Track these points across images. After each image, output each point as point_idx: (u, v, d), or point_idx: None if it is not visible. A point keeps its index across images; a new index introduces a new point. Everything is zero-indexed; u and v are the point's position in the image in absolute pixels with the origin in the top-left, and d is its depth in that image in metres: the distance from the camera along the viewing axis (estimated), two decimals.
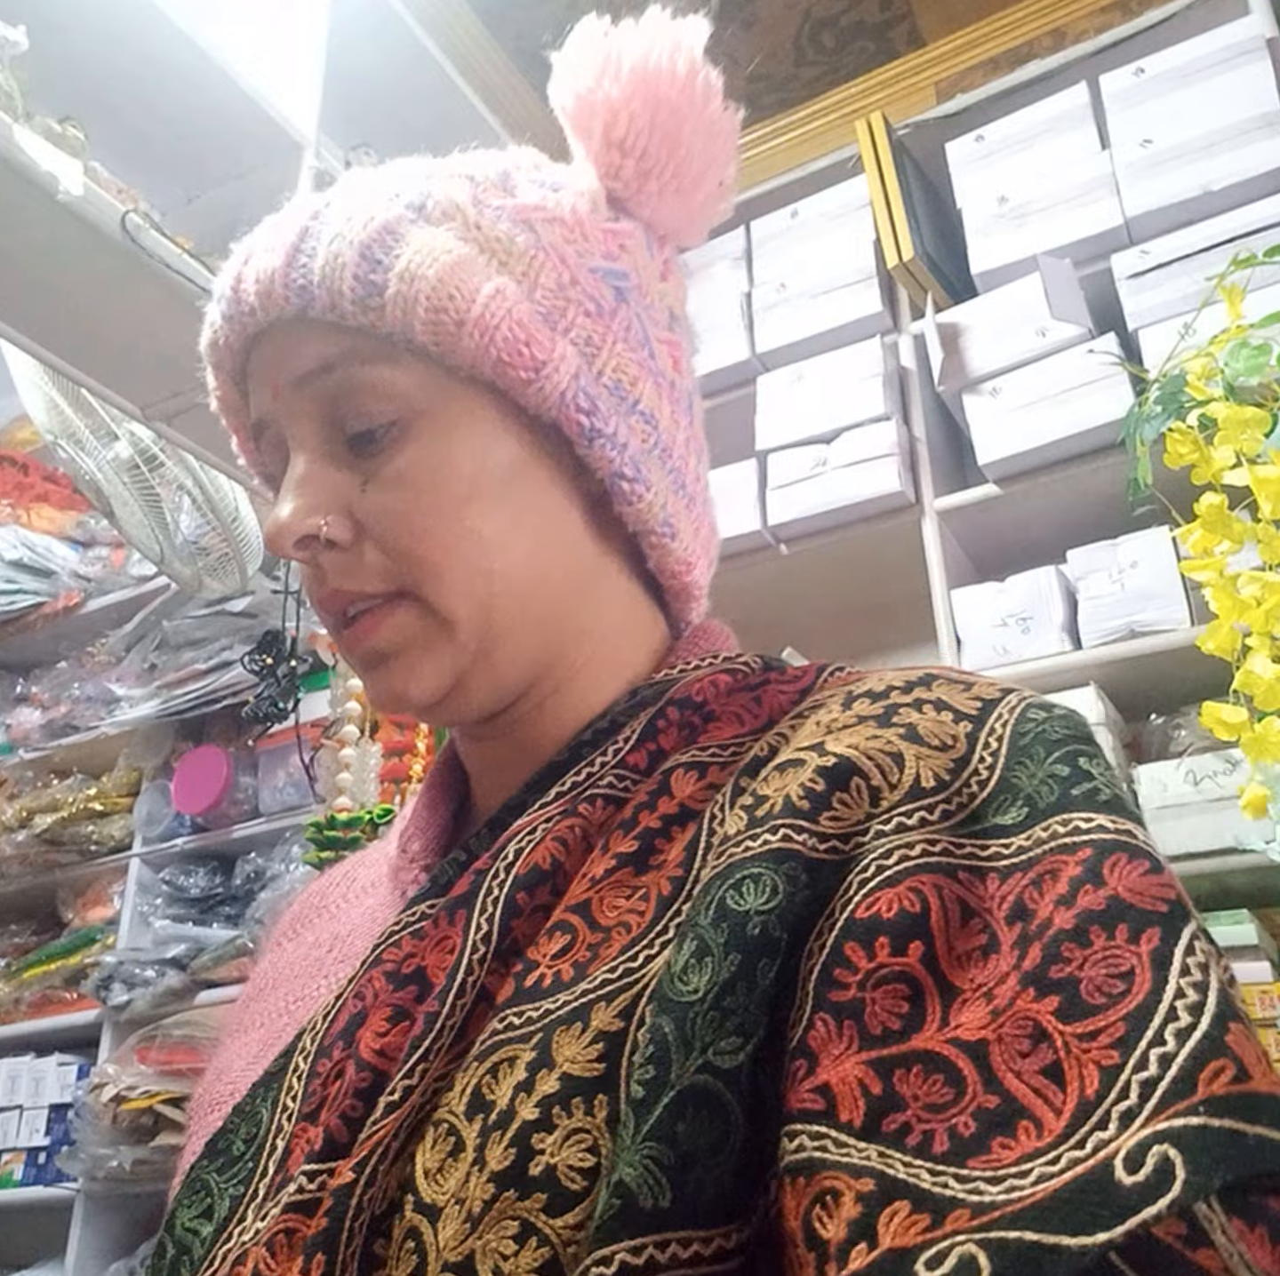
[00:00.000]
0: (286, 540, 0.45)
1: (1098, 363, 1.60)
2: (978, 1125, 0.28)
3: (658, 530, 0.51)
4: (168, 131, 1.56)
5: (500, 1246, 0.32)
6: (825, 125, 2.46)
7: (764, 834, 0.36)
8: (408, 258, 0.44)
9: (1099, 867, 0.32)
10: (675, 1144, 0.30)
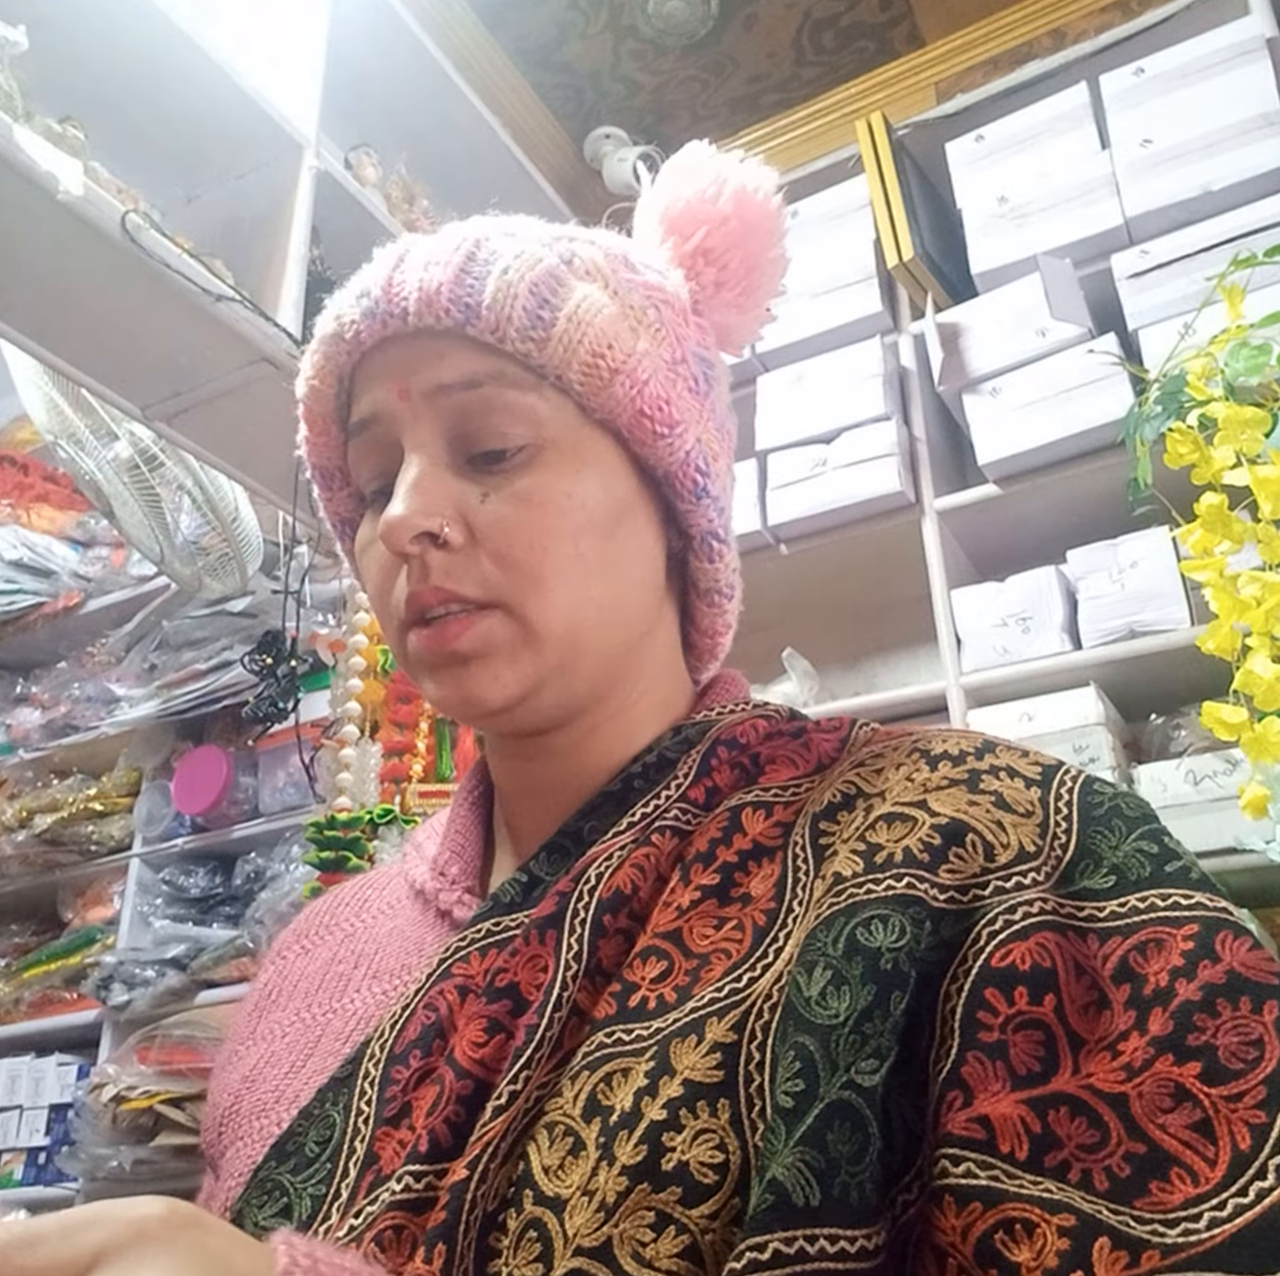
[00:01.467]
0: (405, 533, 0.47)
1: (1098, 363, 1.60)
2: (1131, 1168, 0.33)
3: (724, 591, 0.57)
4: (168, 131, 1.57)
5: (638, 1234, 0.35)
6: (825, 125, 2.46)
7: (887, 879, 0.40)
8: (575, 302, 0.49)
9: (1210, 943, 0.37)
10: (824, 1150, 0.34)
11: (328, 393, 0.53)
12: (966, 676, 1.66)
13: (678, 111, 2.49)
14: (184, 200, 1.66)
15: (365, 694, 1.57)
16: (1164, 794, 1.46)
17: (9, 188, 1.18)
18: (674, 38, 2.31)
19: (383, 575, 0.50)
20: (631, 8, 2.25)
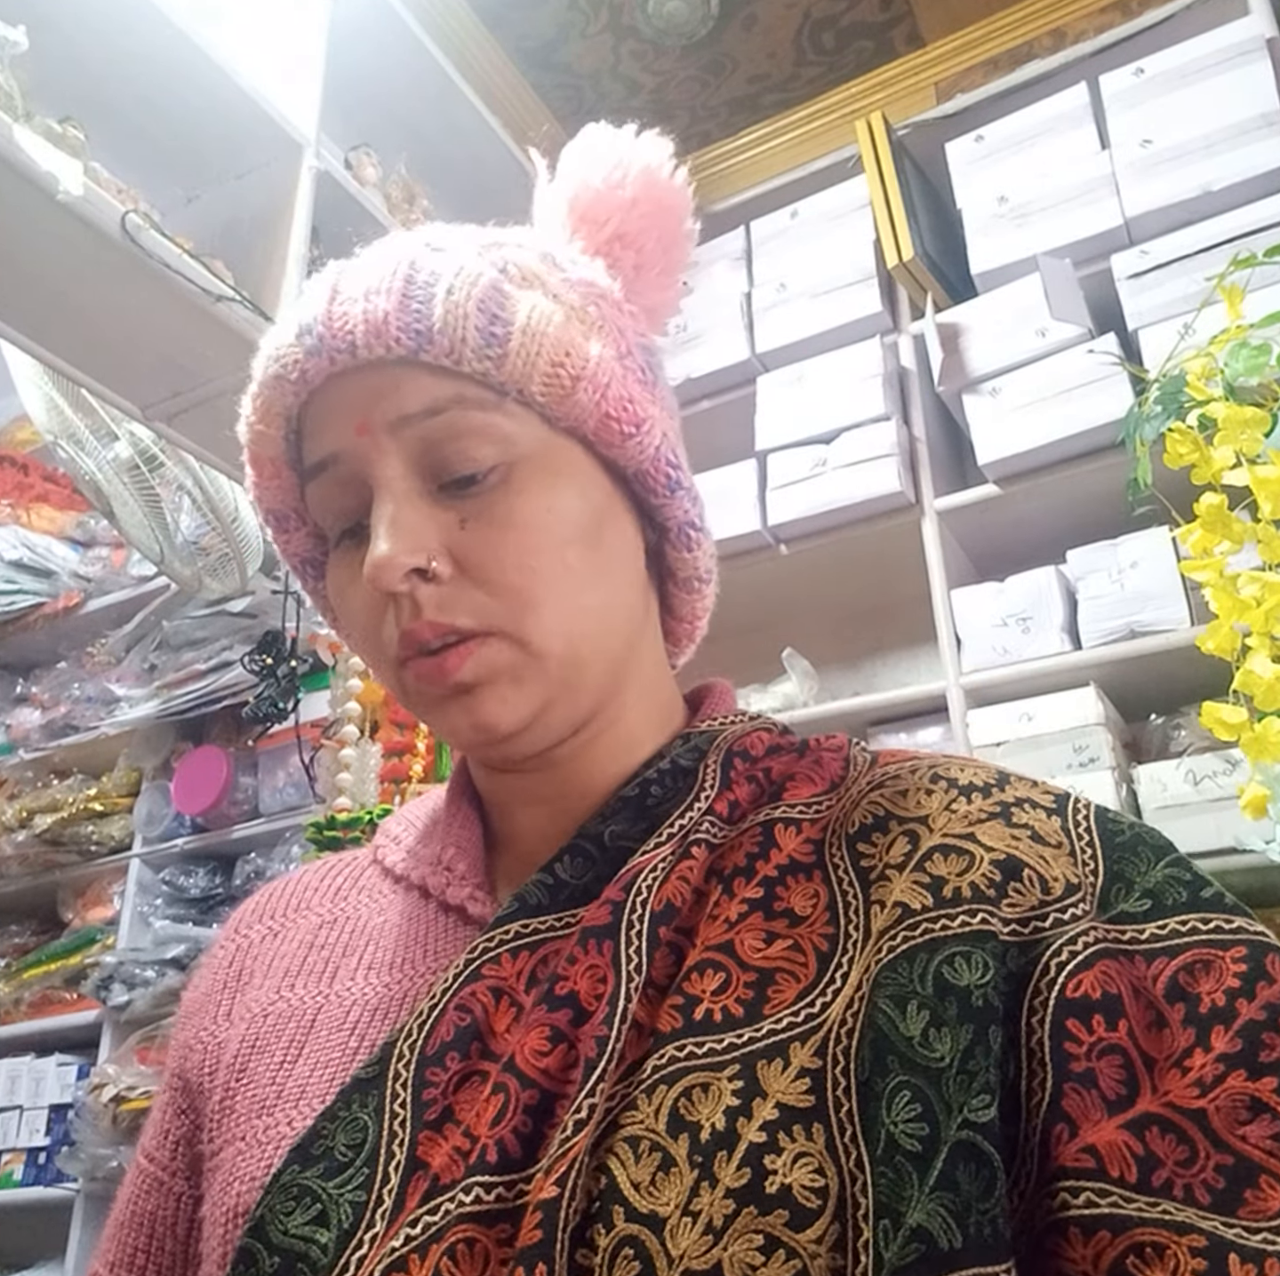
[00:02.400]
0: (395, 573, 0.46)
1: (1098, 363, 1.60)
2: (1225, 1180, 0.35)
3: (703, 577, 0.57)
4: (168, 131, 1.56)
5: (748, 1257, 0.35)
6: (825, 125, 2.46)
7: (961, 915, 0.42)
8: (525, 313, 0.48)
9: (1263, 964, 0.39)
10: (959, 1191, 0.35)
11: (275, 436, 0.51)
12: (966, 676, 1.66)
13: (678, 111, 2.49)
14: (184, 200, 1.66)
15: (365, 694, 1.57)
16: (1164, 794, 1.46)
17: (9, 188, 1.18)
18: (674, 38, 2.30)
19: (369, 614, 0.49)
20: (631, 8, 2.25)
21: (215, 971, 0.59)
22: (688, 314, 2.14)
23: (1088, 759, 1.50)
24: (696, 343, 2.10)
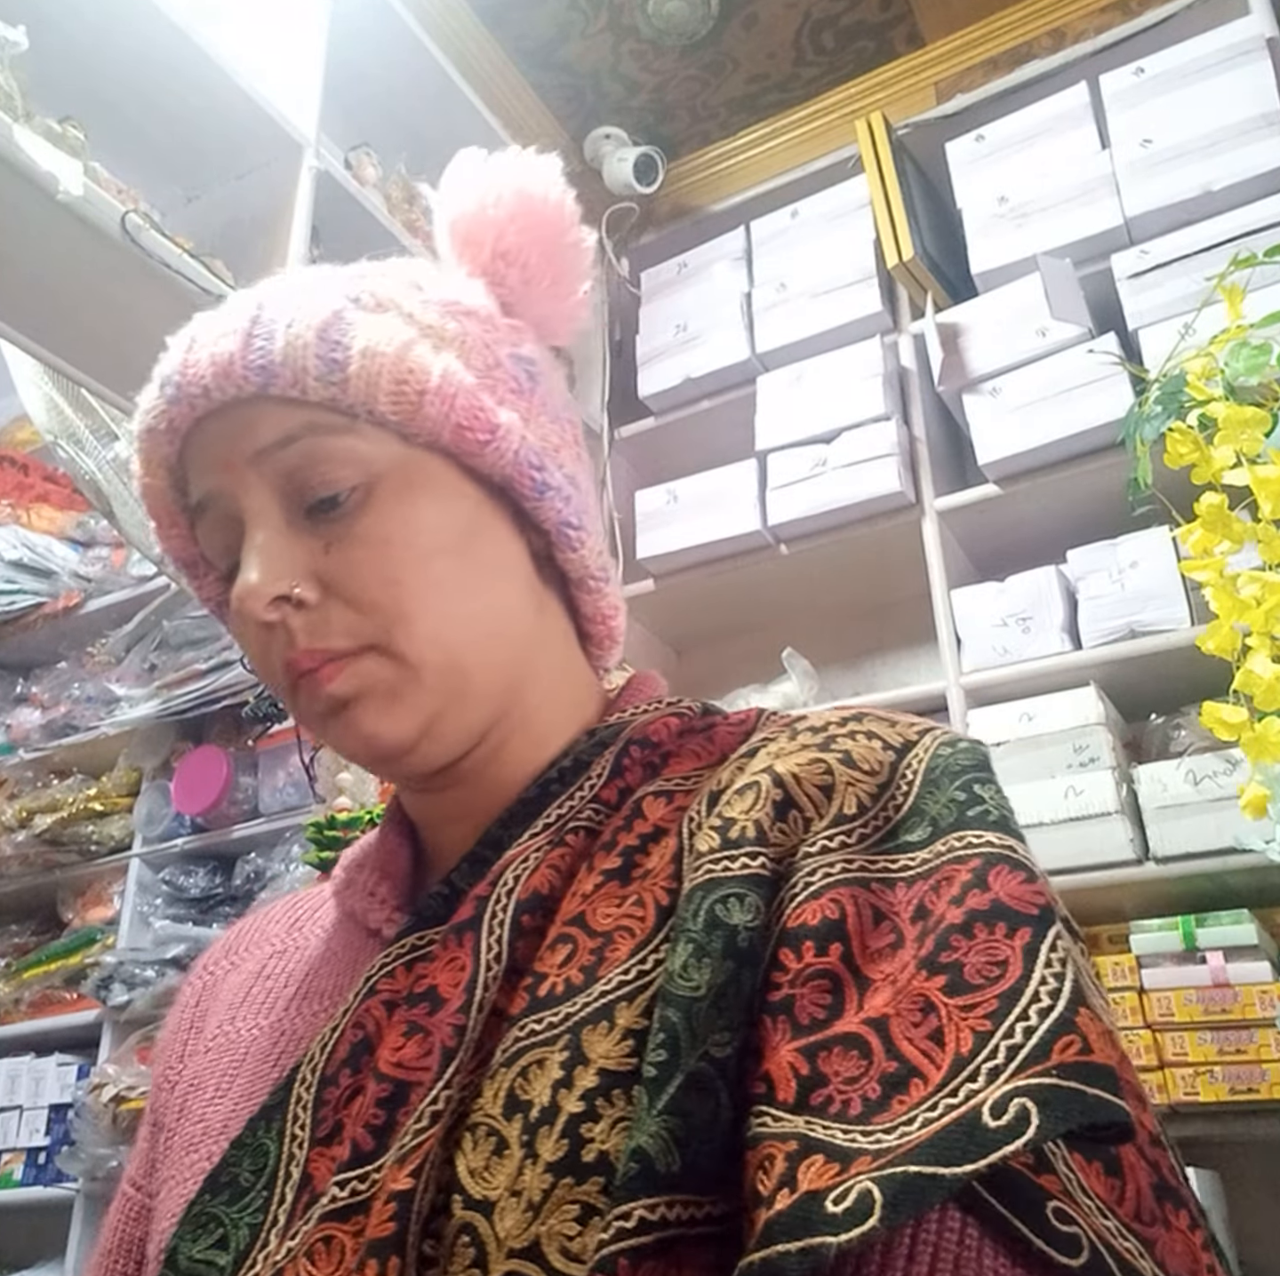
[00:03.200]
0: (259, 602, 0.47)
1: (1098, 363, 1.60)
2: (882, 1088, 0.34)
3: (596, 575, 0.57)
4: (168, 131, 1.56)
5: (564, 1228, 0.35)
6: (825, 125, 2.46)
7: (742, 857, 0.41)
8: (365, 337, 0.49)
9: (985, 875, 0.38)
10: (686, 1117, 0.35)
11: (162, 487, 0.53)
12: (966, 676, 1.66)
13: (678, 111, 2.49)
14: (184, 200, 1.66)
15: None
16: (1164, 794, 1.46)
17: (9, 188, 1.18)
18: (674, 38, 2.30)
19: (257, 645, 0.50)
20: (631, 8, 2.25)
21: (182, 1010, 0.60)
22: (688, 314, 2.14)
23: (1088, 759, 1.50)
24: (696, 343, 2.10)
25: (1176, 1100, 1.36)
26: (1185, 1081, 1.37)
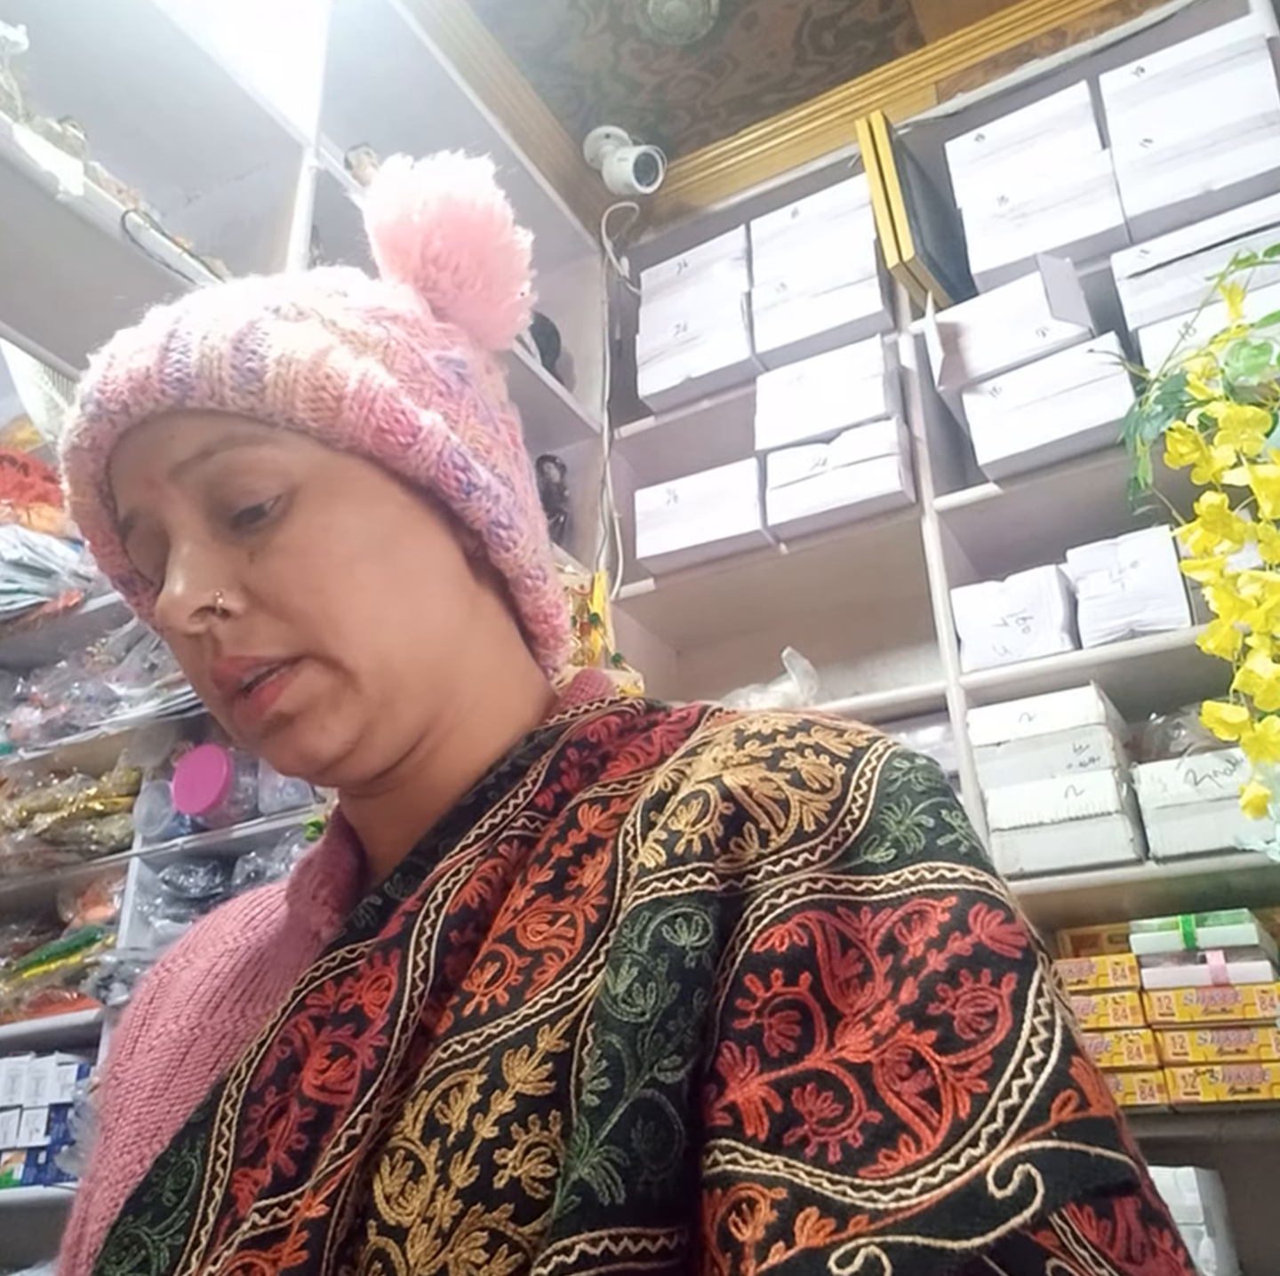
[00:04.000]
0: (182, 613, 0.47)
1: (1098, 362, 1.60)
2: (864, 1137, 0.33)
3: (532, 574, 0.56)
4: (168, 131, 1.56)
5: (471, 1256, 0.34)
6: (825, 125, 2.46)
7: (689, 874, 0.40)
8: (281, 345, 0.49)
9: (964, 916, 0.37)
10: (629, 1148, 0.34)
11: (92, 504, 0.53)
12: (966, 676, 1.66)
13: (678, 111, 2.49)
14: (184, 200, 1.66)
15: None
16: (1164, 793, 1.46)
17: (9, 188, 1.18)
18: (674, 38, 2.30)
19: (187, 658, 0.50)
20: (631, 8, 2.25)
21: (135, 1006, 0.60)
22: (688, 313, 2.14)
23: (1088, 758, 1.50)
24: (696, 342, 2.10)
25: (1176, 1100, 1.36)
26: (1185, 1081, 1.37)
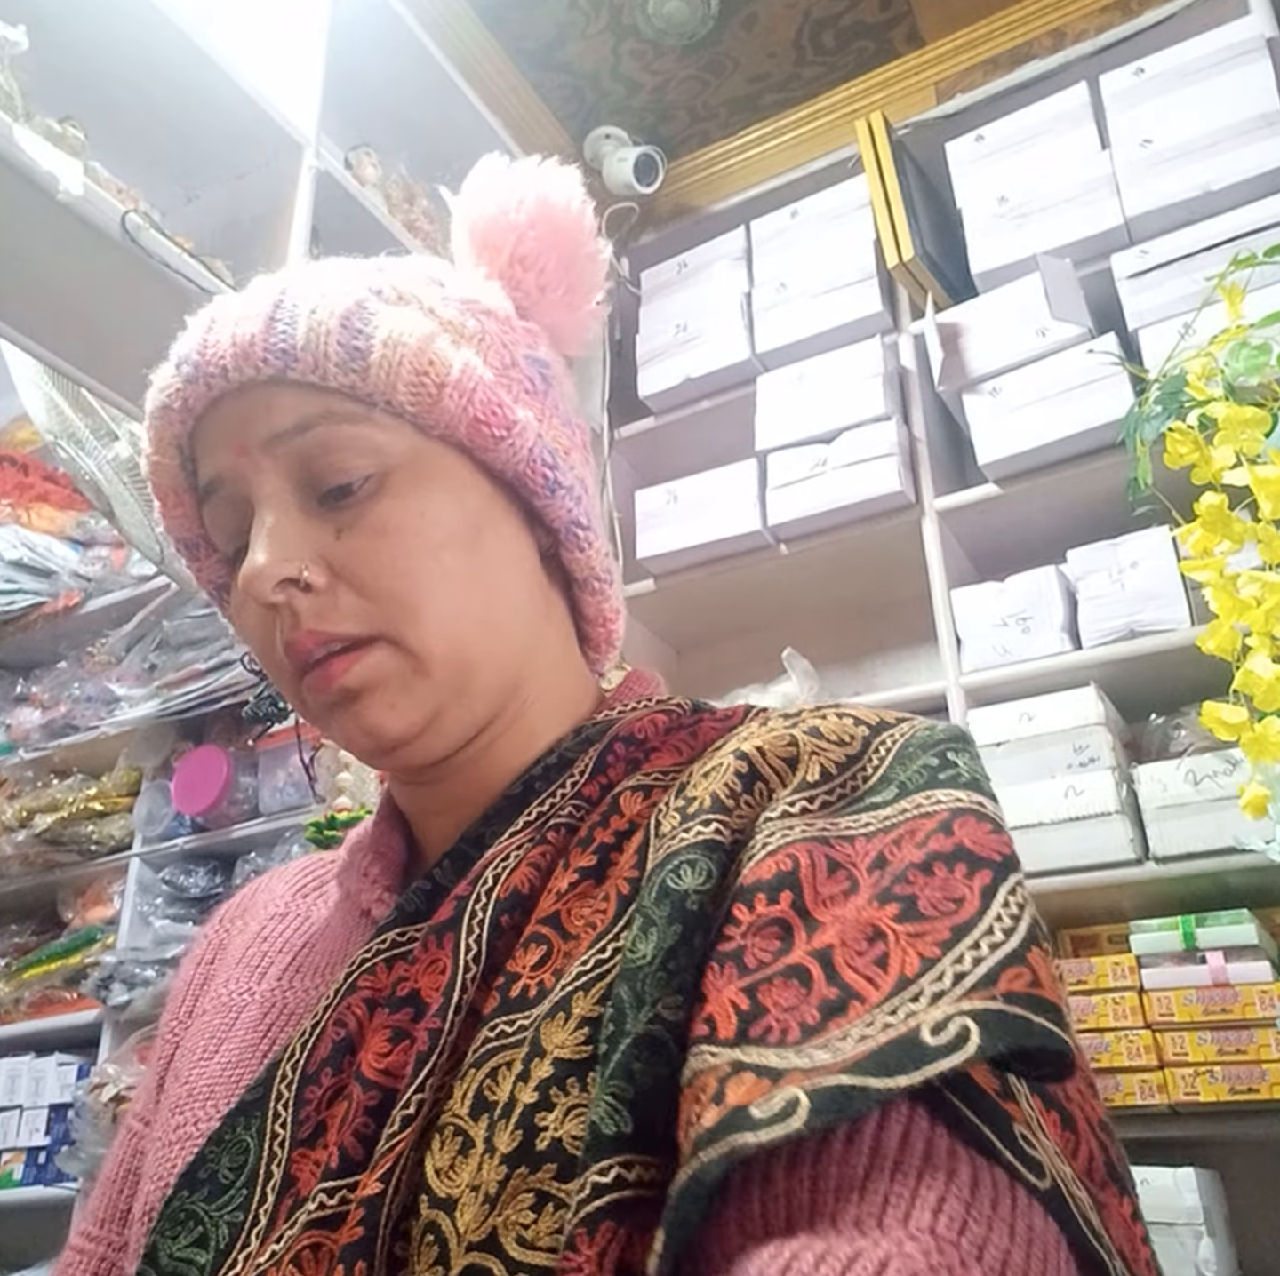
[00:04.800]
0: (266, 583, 0.47)
1: (1098, 362, 1.60)
2: (820, 1014, 0.33)
3: (601, 577, 0.57)
4: (168, 131, 1.56)
5: (519, 1217, 0.35)
6: (825, 125, 2.46)
7: (696, 826, 0.41)
8: (388, 327, 0.49)
9: (950, 824, 0.38)
10: (632, 1080, 0.34)
11: (171, 465, 0.53)
12: (966, 676, 1.66)
13: (678, 111, 2.49)
14: (184, 200, 1.66)
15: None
16: (1164, 794, 1.46)
17: (9, 188, 1.18)
18: (674, 38, 2.30)
19: (261, 629, 0.50)
20: (631, 8, 2.25)
21: (195, 964, 0.61)
22: (687, 314, 2.14)
23: (1088, 759, 1.50)
24: (696, 343, 2.10)
25: (1176, 1100, 1.36)
26: (1185, 1081, 1.37)
